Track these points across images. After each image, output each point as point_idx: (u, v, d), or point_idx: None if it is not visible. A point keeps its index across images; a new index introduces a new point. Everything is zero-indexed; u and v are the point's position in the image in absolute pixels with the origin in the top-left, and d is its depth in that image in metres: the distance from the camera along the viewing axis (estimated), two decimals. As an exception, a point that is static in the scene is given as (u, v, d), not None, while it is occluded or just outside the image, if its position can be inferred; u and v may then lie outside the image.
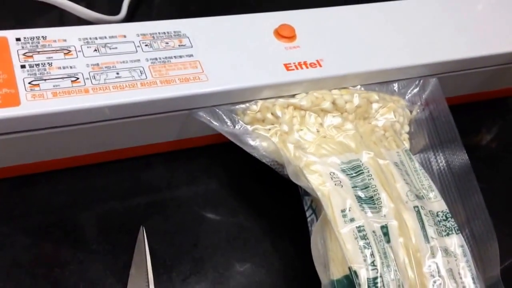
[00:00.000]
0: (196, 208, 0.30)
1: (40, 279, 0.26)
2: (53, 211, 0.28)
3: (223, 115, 0.29)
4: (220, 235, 0.29)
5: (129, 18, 0.38)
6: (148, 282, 0.26)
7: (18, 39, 0.28)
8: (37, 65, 0.27)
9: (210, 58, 0.30)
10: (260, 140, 0.29)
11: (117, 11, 0.37)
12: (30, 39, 0.28)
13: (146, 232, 0.27)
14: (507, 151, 0.37)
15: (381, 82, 0.33)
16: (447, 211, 0.29)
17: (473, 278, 0.27)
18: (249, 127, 0.30)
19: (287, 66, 0.30)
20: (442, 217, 0.28)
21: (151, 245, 0.27)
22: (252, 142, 0.29)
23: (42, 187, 0.29)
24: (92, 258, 0.27)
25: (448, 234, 0.28)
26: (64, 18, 0.36)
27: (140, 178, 0.31)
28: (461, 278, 0.27)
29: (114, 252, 0.27)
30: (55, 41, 0.28)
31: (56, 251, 0.27)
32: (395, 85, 0.33)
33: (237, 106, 0.30)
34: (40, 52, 0.28)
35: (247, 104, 0.30)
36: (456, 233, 0.28)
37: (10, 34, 0.28)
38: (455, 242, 0.28)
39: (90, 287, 0.26)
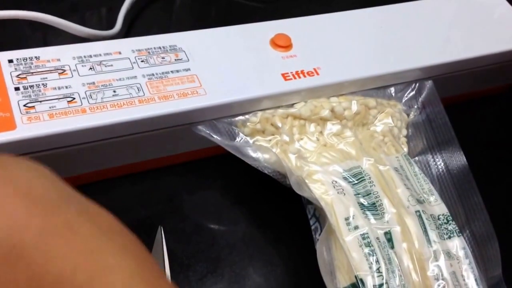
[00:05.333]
0: (197, 217, 0.30)
1: None
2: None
3: (223, 128, 0.29)
4: (226, 243, 0.29)
5: (124, 31, 0.37)
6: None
7: (10, 61, 0.27)
8: (32, 86, 0.26)
9: (207, 71, 0.29)
10: (262, 152, 0.29)
11: (111, 25, 0.36)
12: (23, 60, 0.27)
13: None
14: (504, 148, 0.38)
15: (378, 87, 0.33)
16: (448, 214, 0.29)
17: (476, 280, 0.27)
18: (250, 139, 0.30)
19: (284, 76, 0.30)
20: (443, 220, 0.29)
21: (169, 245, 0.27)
22: (253, 154, 0.29)
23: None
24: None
25: (449, 237, 0.28)
26: (57, 36, 0.35)
27: (152, 188, 0.30)
28: (464, 280, 0.27)
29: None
30: (48, 61, 0.28)
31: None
32: (392, 90, 0.33)
33: (236, 119, 0.29)
34: (34, 73, 0.27)
35: (247, 116, 0.30)
36: (458, 236, 0.28)
37: (2, 56, 0.27)
38: (457, 244, 0.28)
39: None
